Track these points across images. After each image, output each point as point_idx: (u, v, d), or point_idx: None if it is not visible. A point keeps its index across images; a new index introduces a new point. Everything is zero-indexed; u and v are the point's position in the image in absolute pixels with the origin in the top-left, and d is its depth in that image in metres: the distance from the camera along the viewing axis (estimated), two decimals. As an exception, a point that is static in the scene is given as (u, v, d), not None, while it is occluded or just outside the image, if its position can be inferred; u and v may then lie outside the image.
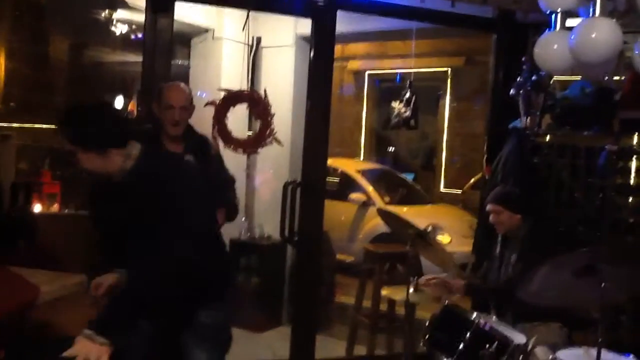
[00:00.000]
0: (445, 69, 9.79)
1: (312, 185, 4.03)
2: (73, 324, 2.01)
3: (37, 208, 4.89)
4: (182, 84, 3.11)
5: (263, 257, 5.19)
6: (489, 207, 3.27)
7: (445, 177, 10.05)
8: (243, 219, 5.31)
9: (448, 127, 9.94)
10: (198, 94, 5.20)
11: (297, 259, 4.42)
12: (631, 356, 2.55)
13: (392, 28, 4.63)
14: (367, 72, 10.74)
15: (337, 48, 4.10)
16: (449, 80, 9.90)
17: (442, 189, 10.04)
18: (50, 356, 1.88)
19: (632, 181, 3.51)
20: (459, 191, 9.14)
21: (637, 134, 3.45)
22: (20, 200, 2.57)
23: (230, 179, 3.25)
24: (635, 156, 3.48)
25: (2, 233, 2.18)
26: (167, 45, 3.81)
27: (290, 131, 5.05)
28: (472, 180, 8.73)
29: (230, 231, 5.04)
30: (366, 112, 10.85)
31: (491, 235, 3.43)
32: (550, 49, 2.97)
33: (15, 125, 5.62)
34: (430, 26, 4.48)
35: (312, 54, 4.02)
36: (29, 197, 2.82)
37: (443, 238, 6.46)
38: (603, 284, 2.35)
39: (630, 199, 3.52)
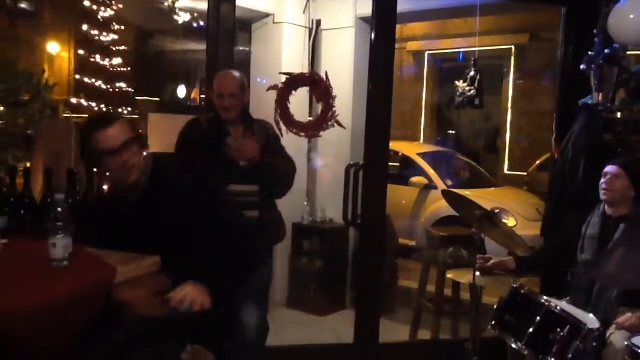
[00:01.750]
0: (508, 46, 9.51)
1: (374, 168, 4.00)
2: (146, 304, 2.08)
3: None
4: (233, 72, 3.18)
5: (325, 241, 5.21)
6: (609, 167, 3.03)
7: (509, 158, 9.81)
8: (305, 202, 5.34)
9: (512, 106, 9.68)
10: (258, 79, 5.25)
11: (360, 242, 4.41)
12: None
13: (454, 4, 4.52)
14: (427, 52, 10.56)
15: (397, 28, 4.03)
16: (512, 58, 9.62)
17: (506, 170, 9.80)
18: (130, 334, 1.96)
19: None
20: (524, 173, 8.90)
21: None
22: (95, 185, 2.69)
23: (289, 159, 3.27)
24: None
25: (79, 216, 2.27)
26: (229, 32, 3.84)
27: (351, 113, 5.02)
28: (538, 161, 8.48)
29: (292, 215, 5.09)
30: (426, 93, 10.70)
31: (567, 216, 3.28)
32: (626, 18, 2.84)
33: (85, 115, 5.84)
34: (493, 1, 4.35)
35: (372, 34, 3.97)
36: (102, 181, 2.99)
37: (508, 221, 6.30)
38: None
39: None
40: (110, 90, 5.95)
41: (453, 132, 10.66)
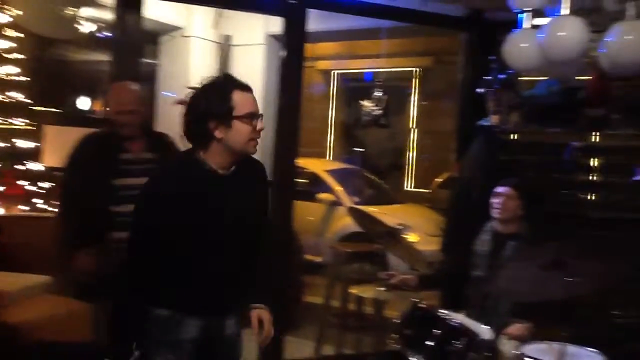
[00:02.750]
0: (413, 68, 9.88)
1: (282, 184, 4.01)
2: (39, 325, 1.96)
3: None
4: (131, 85, 3.03)
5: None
6: (502, 189, 3.16)
7: (413, 176, 10.13)
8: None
9: (416, 126, 10.04)
10: (165, 93, 5.15)
11: (267, 259, 4.38)
12: (594, 350, 2.61)
13: (362, 27, 4.65)
14: (336, 72, 10.76)
15: (306, 47, 4.09)
16: (417, 80, 10.00)
17: (410, 188, 10.11)
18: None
19: (595, 178, 3.59)
20: (427, 190, 9.21)
21: (600, 132, 3.55)
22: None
23: None
24: (598, 153, 3.57)
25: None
26: (136, 44, 3.75)
27: (259, 130, 5.01)
28: (440, 179, 8.81)
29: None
30: (335, 112, 10.89)
31: (466, 233, 3.42)
32: (519, 47, 3.02)
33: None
34: (399, 25, 4.51)
35: (282, 52, 4.01)
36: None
37: (411, 237, 6.48)
38: (568, 278, 2.40)
39: (594, 196, 3.61)
40: (4, 100, 5.61)
41: (360, 150, 10.89)
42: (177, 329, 2.08)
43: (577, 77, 3.62)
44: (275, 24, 4.72)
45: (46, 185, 5.32)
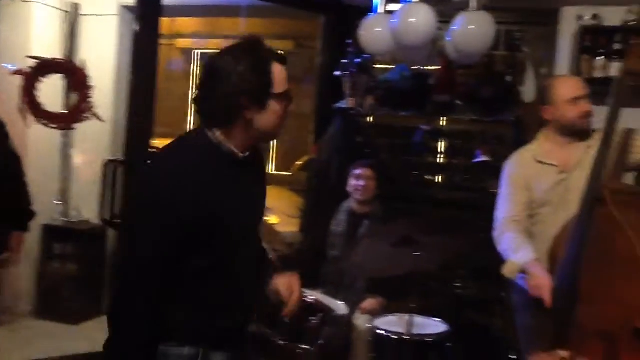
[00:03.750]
0: (275, 51, 9.93)
1: (135, 165, 3.83)
2: None
3: None
4: None
5: (81, 243, 4.83)
6: (361, 170, 3.27)
7: (274, 159, 10.18)
8: (57, 201, 4.89)
9: (277, 109, 10.11)
10: (3, 64, 4.69)
11: (119, 244, 4.19)
12: (439, 320, 2.80)
13: (221, 3, 4.55)
14: (196, 51, 10.49)
15: (165, 23, 3.93)
16: (278, 63, 10.05)
17: (272, 171, 10.16)
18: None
19: (441, 160, 3.82)
20: (288, 173, 9.30)
21: (446, 116, 3.78)
22: None
23: (15, 155, 2.89)
24: (444, 137, 3.80)
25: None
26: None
27: (112, 106, 4.74)
28: (301, 161, 8.93)
29: (41, 215, 4.63)
30: (195, 91, 10.65)
31: (324, 213, 3.49)
32: (373, 31, 3.10)
33: None
34: (260, 5, 4.46)
35: (136, 25, 3.80)
36: None
37: (271, 219, 6.52)
38: (416, 254, 2.54)
39: (440, 177, 3.84)
40: None
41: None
42: None
43: (427, 66, 3.81)
44: (129, -6, 4.47)
45: None
